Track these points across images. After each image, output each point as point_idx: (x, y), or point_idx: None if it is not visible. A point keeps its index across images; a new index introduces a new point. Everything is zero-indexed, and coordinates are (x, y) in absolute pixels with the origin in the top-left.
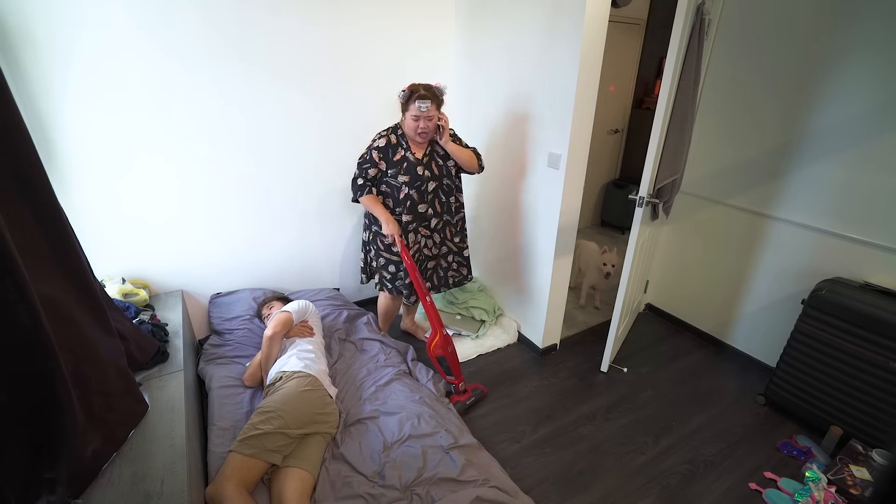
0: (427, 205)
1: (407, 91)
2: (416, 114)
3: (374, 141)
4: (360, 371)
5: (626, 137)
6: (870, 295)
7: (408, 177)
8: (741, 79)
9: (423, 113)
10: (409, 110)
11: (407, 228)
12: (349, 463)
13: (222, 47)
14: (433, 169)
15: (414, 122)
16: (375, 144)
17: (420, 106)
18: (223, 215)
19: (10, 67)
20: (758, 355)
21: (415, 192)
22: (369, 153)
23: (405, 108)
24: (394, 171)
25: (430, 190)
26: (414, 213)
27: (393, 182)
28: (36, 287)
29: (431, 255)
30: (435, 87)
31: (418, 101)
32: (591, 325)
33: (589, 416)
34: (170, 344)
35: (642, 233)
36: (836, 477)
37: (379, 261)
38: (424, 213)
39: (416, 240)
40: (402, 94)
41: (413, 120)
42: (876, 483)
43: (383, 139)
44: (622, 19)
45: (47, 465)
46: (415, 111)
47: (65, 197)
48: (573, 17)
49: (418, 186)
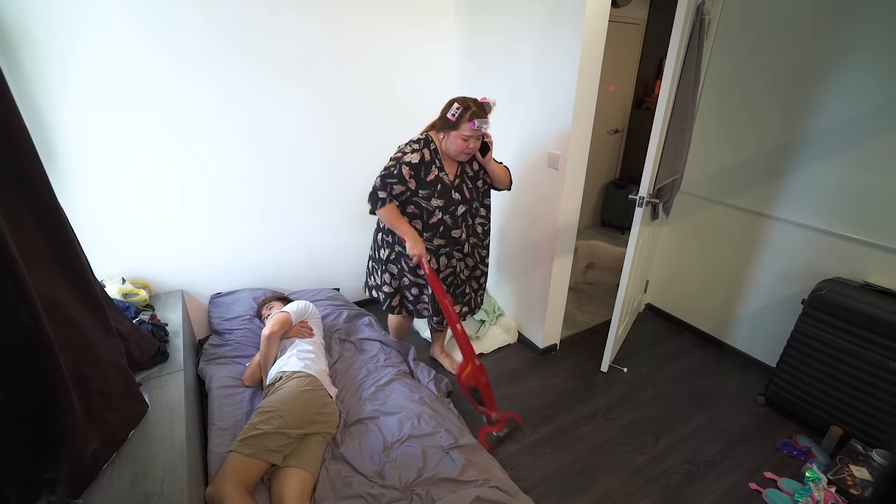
0: (460, 230)
1: (460, 107)
2: (469, 133)
3: (403, 154)
4: (360, 371)
5: (626, 137)
6: (870, 295)
7: (442, 201)
8: (741, 79)
9: (476, 133)
10: (460, 129)
11: (439, 252)
12: (349, 463)
13: (223, 45)
14: (464, 192)
15: (463, 141)
16: (407, 159)
17: (478, 126)
18: (223, 215)
19: (10, 67)
20: (758, 355)
21: (449, 217)
22: (398, 167)
23: (455, 125)
24: (426, 193)
25: (460, 214)
26: (448, 238)
27: (425, 204)
28: (36, 287)
29: (465, 279)
30: (485, 104)
31: (476, 120)
32: (591, 325)
33: (589, 416)
34: (170, 344)
35: (642, 233)
36: (836, 477)
37: (403, 281)
38: (458, 238)
39: (450, 264)
40: (455, 110)
41: (463, 140)
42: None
43: (416, 154)
44: (622, 19)
45: (47, 465)
46: (467, 130)
47: (65, 197)
48: (573, 17)
49: (452, 211)
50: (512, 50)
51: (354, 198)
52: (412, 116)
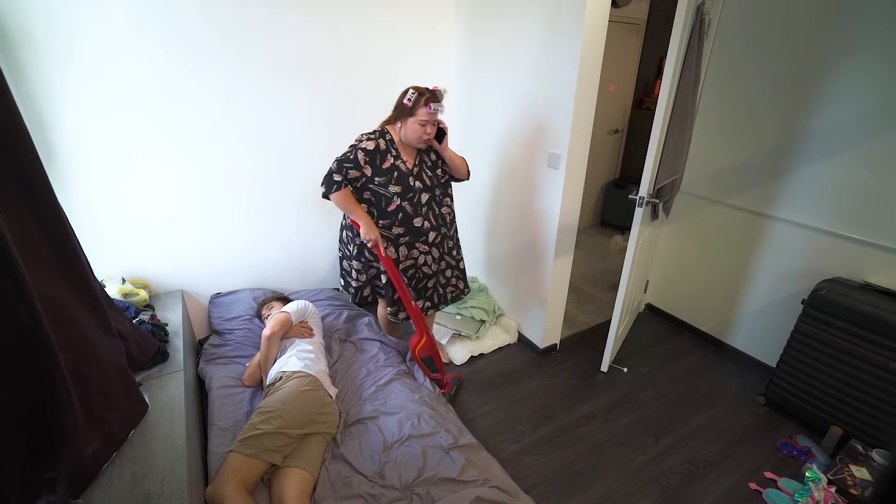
0: (422, 218)
1: (414, 93)
2: (426, 118)
3: (359, 142)
4: (360, 371)
5: (626, 137)
6: (870, 295)
7: (399, 187)
8: (741, 79)
9: (432, 117)
10: (417, 115)
11: (398, 241)
12: (349, 463)
13: (223, 45)
14: (424, 179)
15: (421, 126)
16: (363, 146)
17: (434, 109)
18: (223, 215)
19: (10, 67)
20: (758, 355)
21: (408, 203)
22: (353, 153)
23: (411, 111)
24: (383, 180)
25: (423, 202)
26: (408, 226)
27: (382, 191)
28: (36, 287)
29: (431, 273)
30: (437, 91)
31: (431, 104)
32: (591, 325)
33: (589, 416)
34: (170, 344)
35: (642, 233)
36: (836, 477)
37: (370, 272)
38: (420, 228)
39: (410, 255)
40: (410, 95)
41: (420, 125)
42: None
43: (371, 142)
44: (622, 19)
45: (47, 465)
46: (424, 115)
47: (65, 197)
48: (573, 17)
49: (411, 198)
50: (512, 50)
51: None
52: None
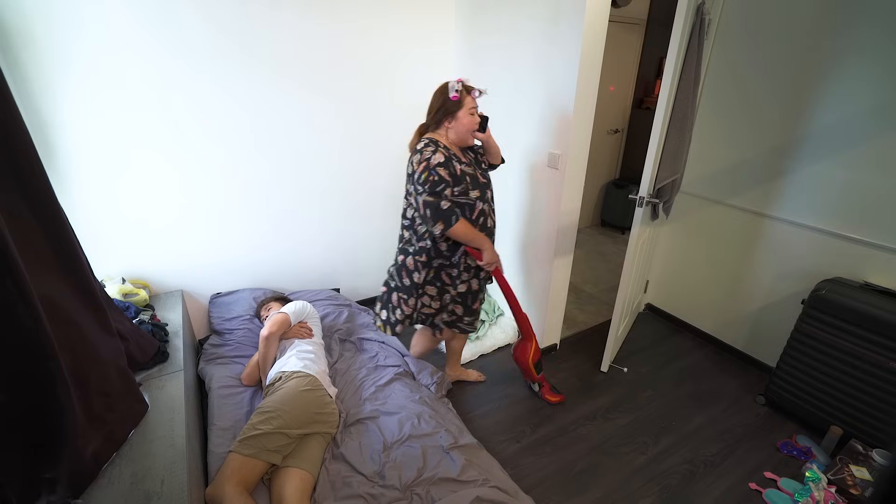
0: (494, 217)
1: (459, 83)
2: (474, 105)
3: (426, 159)
4: (360, 371)
5: (626, 137)
6: (870, 295)
7: (477, 191)
8: (741, 79)
9: (476, 104)
10: (466, 104)
11: None
12: (349, 463)
13: (223, 44)
14: (480, 177)
15: (472, 116)
16: (436, 161)
17: (478, 94)
18: (223, 215)
19: (10, 67)
20: (758, 355)
21: (486, 206)
22: (433, 173)
23: (460, 103)
24: (461, 188)
25: (490, 198)
26: (487, 229)
27: (464, 200)
28: (36, 287)
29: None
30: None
31: (474, 88)
32: (591, 325)
33: (589, 416)
34: (170, 344)
35: (642, 233)
36: (836, 477)
37: (444, 298)
38: (493, 228)
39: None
40: (456, 86)
41: (471, 114)
42: (876, 483)
43: (439, 154)
44: (622, 19)
45: (47, 464)
46: (472, 103)
47: (65, 197)
48: (573, 17)
49: (485, 199)
50: (512, 50)
51: (355, 197)
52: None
